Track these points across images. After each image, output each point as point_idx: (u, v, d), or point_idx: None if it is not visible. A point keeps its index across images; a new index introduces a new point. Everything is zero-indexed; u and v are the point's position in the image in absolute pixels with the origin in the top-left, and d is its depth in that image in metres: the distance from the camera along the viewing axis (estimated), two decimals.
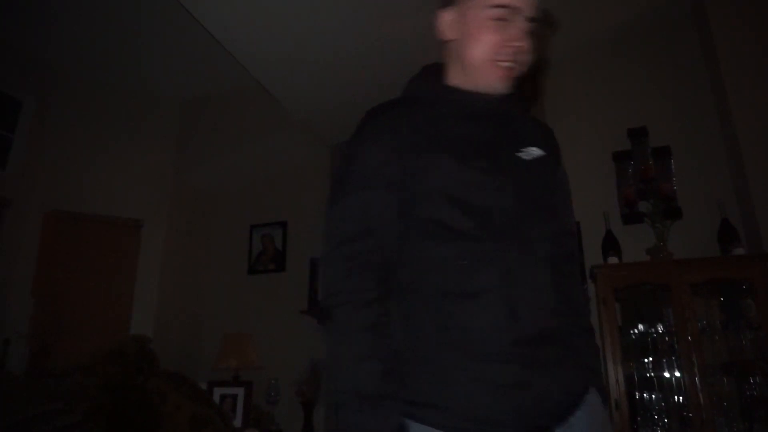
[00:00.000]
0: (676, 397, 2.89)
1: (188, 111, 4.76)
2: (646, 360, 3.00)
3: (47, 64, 3.99)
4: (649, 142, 3.40)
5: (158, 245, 4.17)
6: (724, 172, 3.28)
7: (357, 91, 3.79)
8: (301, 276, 3.95)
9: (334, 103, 3.85)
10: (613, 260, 3.11)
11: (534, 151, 1.10)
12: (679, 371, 2.89)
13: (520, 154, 1.08)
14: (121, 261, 4.01)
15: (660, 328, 3.01)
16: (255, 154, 4.50)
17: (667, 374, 2.95)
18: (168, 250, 4.21)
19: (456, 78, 1.14)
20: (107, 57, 4.03)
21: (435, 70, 1.19)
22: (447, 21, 1.14)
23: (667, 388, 2.93)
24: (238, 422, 3.50)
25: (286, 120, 4.19)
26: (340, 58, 3.40)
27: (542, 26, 1.12)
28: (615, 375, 2.87)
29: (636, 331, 3.05)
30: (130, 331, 3.79)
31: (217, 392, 3.64)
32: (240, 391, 3.68)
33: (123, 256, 4.02)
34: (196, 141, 4.66)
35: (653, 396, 2.95)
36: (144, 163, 4.32)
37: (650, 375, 2.98)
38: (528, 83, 1.22)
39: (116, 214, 4.06)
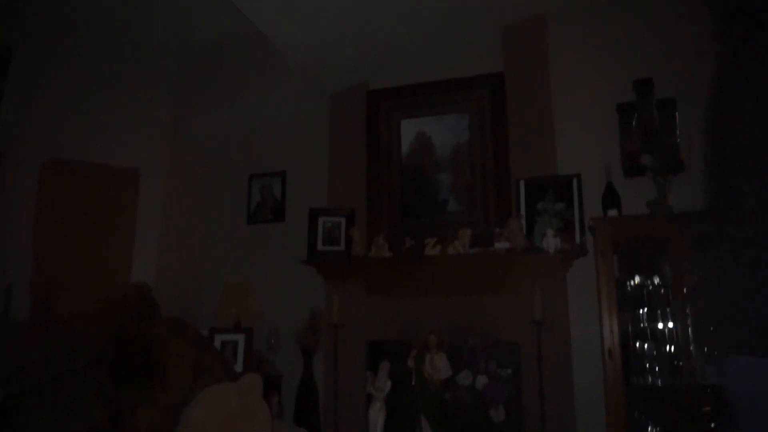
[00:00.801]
0: (668, 347, 2.95)
1: (187, 59, 4.63)
2: (640, 311, 3.05)
3: (41, 11, 3.86)
4: (655, 94, 3.33)
5: (157, 195, 4.15)
6: None
7: (357, 42, 3.70)
8: (301, 226, 3.96)
9: (334, 53, 3.75)
10: (612, 213, 3.11)
11: None
12: (672, 322, 2.94)
13: None
14: (120, 210, 4.00)
15: (656, 281, 3.04)
16: (254, 104, 4.42)
17: (660, 325, 3.00)
18: (167, 199, 4.20)
19: None
20: (105, 2, 3.89)
21: None
22: None
23: (660, 338, 2.98)
24: (239, 368, 3.59)
25: (285, 69, 4.10)
26: (341, 7, 3.28)
27: None
28: (609, 325, 2.92)
29: (632, 283, 3.08)
30: (131, 280, 3.82)
31: (218, 339, 3.71)
32: (241, 338, 3.75)
33: (121, 206, 4.01)
34: (194, 90, 4.56)
35: (646, 346, 3.01)
36: (141, 112, 4.24)
37: (644, 326, 3.03)
38: None
39: (113, 163, 4.01)
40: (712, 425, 1.50)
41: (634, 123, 3.35)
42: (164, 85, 4.43)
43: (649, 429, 2.90)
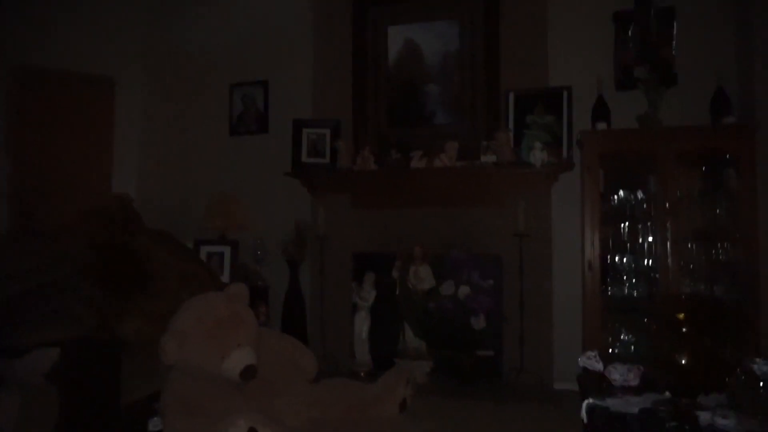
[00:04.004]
0: (646, 261, 3.03)
1: None
2: (622, 225, 3.09)
3: None
4: (654, 2, 3.19)
5: (135, 104, 3.99)
6: (728, 39, 3.13)
7: None
8: (285, 138, 3.87)
9: None
10: (601, 126, 3.07)
11: None
12: (652, 236, 2.99)
13: None
14: (96, 120, 3.85)
15: (640, 195, 3.06)
16: (232, 8, 4.17)
17: (640, 239, 3.06)
18: (146, 109, 4.05)
19: None
20: None
21: None
22: None
23: (639, 252, 3.05)
24: (225, 278, 3.63)
25: None
26: None
27: None
28: (591, 238, 2.97)
29: (617, 197, 3.10)
30: (112, 191, 3.76)
31: (204, 250, 3.73)
32: (226, 250, 3.77)
33: (98, 115, 3.86)
34: None
35: (625, 259, 3.08)
36: (113, 17, 3.97)
37: (625, 240, 3.09)
38: None
39: (86, 70, 3.82)
40: (684, 330, 1.56)
41: (630, 33, 3.23)
42: None
43: (623, 337, 3.04)
